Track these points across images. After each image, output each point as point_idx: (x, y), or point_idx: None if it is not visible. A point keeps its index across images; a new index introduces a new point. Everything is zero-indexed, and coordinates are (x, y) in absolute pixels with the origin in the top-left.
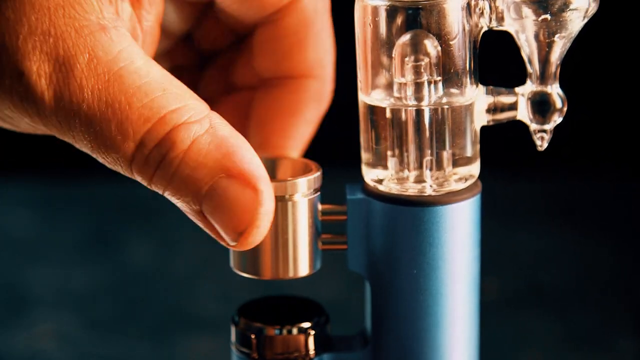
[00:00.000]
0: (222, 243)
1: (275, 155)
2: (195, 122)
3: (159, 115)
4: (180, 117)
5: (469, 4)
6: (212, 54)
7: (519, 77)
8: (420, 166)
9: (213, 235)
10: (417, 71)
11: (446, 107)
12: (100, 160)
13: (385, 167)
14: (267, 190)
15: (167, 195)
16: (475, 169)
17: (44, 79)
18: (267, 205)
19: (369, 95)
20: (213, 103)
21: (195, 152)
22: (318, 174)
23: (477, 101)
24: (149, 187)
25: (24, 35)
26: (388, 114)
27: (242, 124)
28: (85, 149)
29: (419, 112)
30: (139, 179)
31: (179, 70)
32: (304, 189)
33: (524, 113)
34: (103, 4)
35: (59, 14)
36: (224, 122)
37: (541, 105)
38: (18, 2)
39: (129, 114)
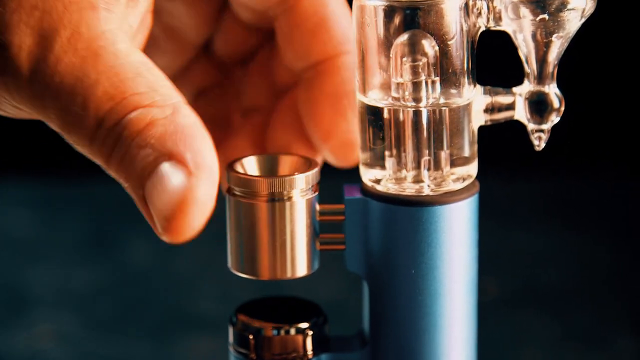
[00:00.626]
0: (155, 231)
1: (276, 152)
2: (157, 107)
3: (123, 96)
4: (144, 101)
5: (466, 4)
6: (240, 60)
7: (517, 77)
8: (418, 166)
9: (150, 223)
10: (414, 71)
11: (444, 107)
12: (68, 139)
13: (383, 167)
14: (204, 179)
15: (121, 180)
16: (473, 169)
17: (24, 51)
18: (199, 193)
19: (367, 96)
20: (268, 113)
21: (149, 134)
22: (316, 170)
23: (474, 101)
24: (107, 170)
25: (12, 9)
26: (386, 114)
27: (300, 125)
28: (55, 127)
29: (416, 112)
30: (98, 160)
31: (205, 93)
32: (302, 185)
33: (521, 113)
34: None
35: None
36: (191, 114)
37: (538, 105)
38: None
39: (95, 90)
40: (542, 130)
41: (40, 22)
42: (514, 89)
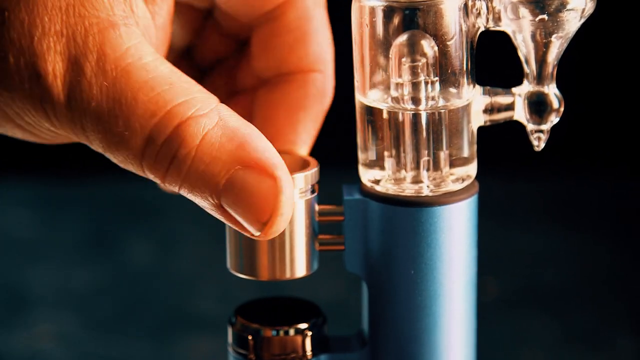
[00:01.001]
0: (246, 234)
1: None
2: (203, 115)
3: (165, 109)
4: (187, 110)
5: (466, 5)
6: (213, 64)
7: (516, 77)
8: (417, 167)
9: (236, 228)
10: (414, 72)
11: (443, 107)
12: (113, 159)
13: (382, 167)
14: (285, 177)
15: (183, 192)
16: (472, 169)
17: (59, 79)
18: (287, 192)
19: (366, 96)
20: None
21: (208, 146)
22: (315, 170)
23: (474, 102)
24: (162, 184)
25: (39, 37)
26: (385, 115)
27: None
28: (99, 149)
29: (415, 113)
30: (151, 176)
31: None
32: (301, 185)
33: (521, 113)
34: (114, 0)
35: (70, 13)
36: (233, 114)
37: (538, 106)
38: (32, 4)
39: (135, 108)
40: (541, 131)
41: (67, 48)
42: (513, 90)
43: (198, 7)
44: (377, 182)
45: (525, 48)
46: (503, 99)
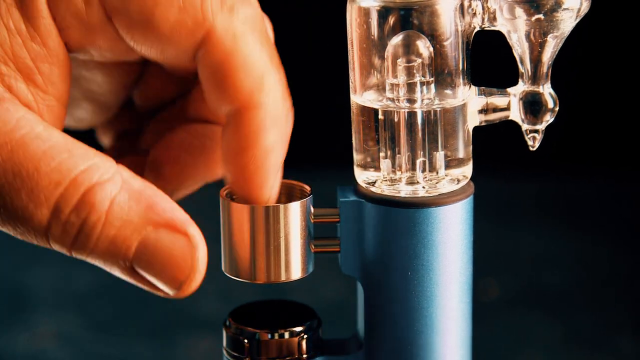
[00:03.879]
0: (160, 294)
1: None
2: (108, 180)
3: (70, 178)
4: (92, 177)
5: (461, 5)
6: (158, 107)
7: (512, 77)
8: (412, 167)
9: (148, 289)
10: (409, 72)
11: (439, 108)
12: (11, 232)
13: (377, 168)
14: (197, 233)
15: (91, 259)
16: (467, 170)
17: None
18: (202, 248)
19: (361, 97)
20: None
21: (117, 210)
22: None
23: (469, 102)
24: (69, 254)
25: None
26: (380, 115)
27: (195, 155)
28: None
29: (411, 113)
30: (57, 247)
31: (127, 134)
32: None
33: (516, 113)
34: None
35: None
36: (134, 175)
37: (533, 105)
38: None
39: (38, 180)
40: (536, 131)
41: None
42: (509, 89)
43: (131, 60)
44: (372, 183)
45: (520, 48)
46: (498, 99)
